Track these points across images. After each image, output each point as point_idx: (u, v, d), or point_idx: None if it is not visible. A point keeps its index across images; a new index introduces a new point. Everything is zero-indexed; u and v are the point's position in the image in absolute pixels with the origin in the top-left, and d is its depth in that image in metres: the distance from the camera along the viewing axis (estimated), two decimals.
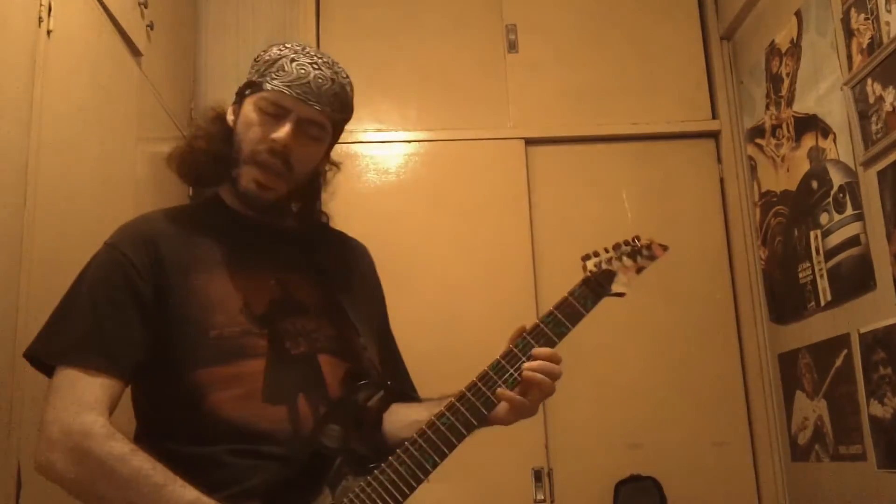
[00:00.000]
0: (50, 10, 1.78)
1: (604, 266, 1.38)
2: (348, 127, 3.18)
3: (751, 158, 2.84)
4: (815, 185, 2.39)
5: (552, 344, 1.29)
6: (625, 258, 1.40)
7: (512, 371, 1.26)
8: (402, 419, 1.34)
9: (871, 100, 2.08)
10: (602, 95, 2.97)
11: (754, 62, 2.79)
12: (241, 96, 1.38)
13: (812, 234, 2.39)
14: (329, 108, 1.35)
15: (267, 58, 1.36)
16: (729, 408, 2.75)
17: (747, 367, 2.76)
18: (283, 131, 1.31)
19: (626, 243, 1.41)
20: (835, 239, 2.27)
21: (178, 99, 2.78)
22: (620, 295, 1.37)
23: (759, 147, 2.77)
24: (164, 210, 1.41)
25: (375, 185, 2.86)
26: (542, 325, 1.30)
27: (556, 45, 3.01)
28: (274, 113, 1.32)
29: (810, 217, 2.41)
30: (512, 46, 3.00)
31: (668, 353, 2.75)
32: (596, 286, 1.36)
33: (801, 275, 2.46)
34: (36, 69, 1.72)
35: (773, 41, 2.64)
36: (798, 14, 2.46)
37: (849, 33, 2.17)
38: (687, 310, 2.80)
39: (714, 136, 2.97)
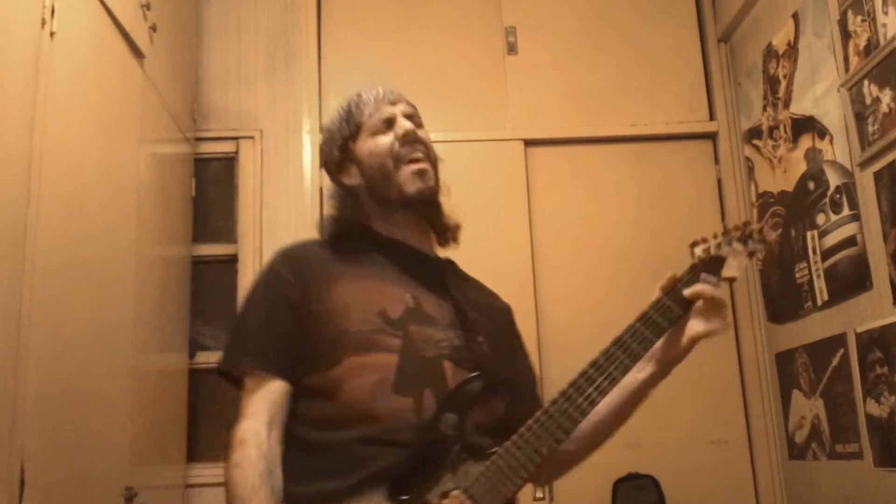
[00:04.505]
0: (53, 12, 1.79)
1: (713, 252, 1.37)
2: None
3: (748, 159, 2.86)
4: (811, 185, 2.40)
5: (662, 331, 1.34)
6: (735, 243, 1.38)
7: (626, 360, 1.32)
8: None
9: (868, 101, 2.09)
10: (601, 97, 2.99)
11: (751, 64, 2.81)
12: (344, 151, 1.56)
13: (809, 234, 2.40)
14: (409, 101, 1.61)
15: (343, 113, 1.58)
16: (727, 407, 2.77)
17: (745, 367, 2.78)
18: (400, 124, 1.54)
19: (736, 228, 1.39)
20: (831, 239, 2.28)
21: (180, 100, 2.79)
22: (732, 279, 1.37)
23: (757, 148, 2.78)
24: (318, 238, 1.59)
25: None
26: (650, 313, 1.35)
27: (555, 47, 3.03)
28: (384, 127, 1.54)
29: (807, 217, 2.42)
30: (511, 48, 3.01)
31: None
32: (704, 272, 1.37)
33: (797, 275, 2.47)
34: (39, 71, 1.73)
35: (770, 43, 2.66)
36: (795, 16, 2.48)
37: (846, 35, 2.19)
38: None
39: (712, 137, 2.99)
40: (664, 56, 3.03)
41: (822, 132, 2.35)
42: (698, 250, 1.38)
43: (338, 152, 1.55)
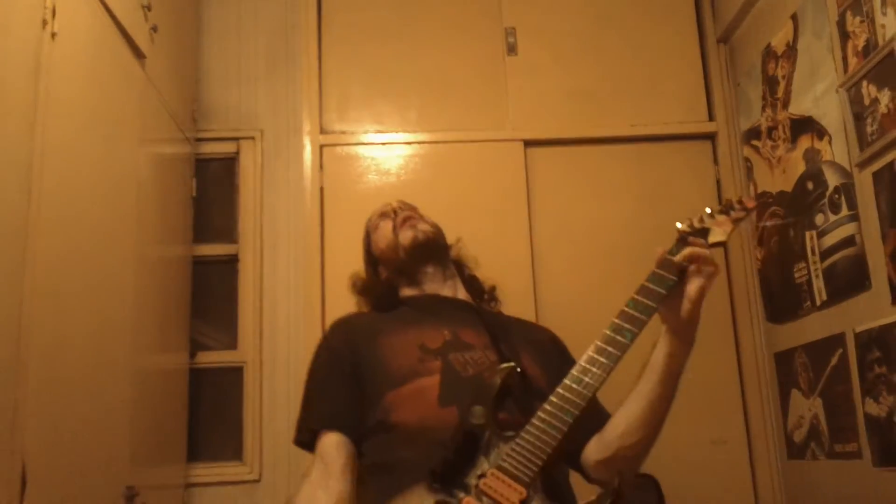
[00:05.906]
0: (54, 12, 1.79)
1: (695, 224, 1.46)
2: (349, 129, 3.20)
3: (747, 160, 2.86)
4: (810, 186, 2.41)
5: (660, 297, 1.40)
6: (717, 215, 1.47)
7: (632, 328, 1.39)
8: None
9: (867, 102, 2.10)
10: (600, 97, 2.99)
11: (751, 65, 2.81)
12: (371, 260, 1.94)
13: (808, 234, 2.41)
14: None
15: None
16: (726, 406, 2.77)
17: (744, 367, 2.78)
18: (390, 205, 1.93)
19: (719, 205, 1.48)
20: (830, 239, 2.29)
21: (180, 100, 2.79)
22: (720, 244, 1.43)
23: (756, 148, 2.79)
24: (363, 311, 1.90)
25: (376, 185, 2.88)
26: (647, 284, 1.42)
27: (554, 47, 3.03)
28: (381, 219, 1.91)
29: (806, 218, 2.43)
30: (511, 49, 3.02)
31: None
32: (692, 241, 1.43)
33: (796, 275, 2.48)
34: (40, 71, 1.74)
35: (769, 44, 2.66)
36: (794, 17, 2.48)
37: (844, 36, 2.20)
38: None
39: (711, 137, 2.99)
40: (663, 56, 3.03)
41: (820, 132, 2.35)
42: (682, 225, 1.47)
43: (370, 267, 1.91)
